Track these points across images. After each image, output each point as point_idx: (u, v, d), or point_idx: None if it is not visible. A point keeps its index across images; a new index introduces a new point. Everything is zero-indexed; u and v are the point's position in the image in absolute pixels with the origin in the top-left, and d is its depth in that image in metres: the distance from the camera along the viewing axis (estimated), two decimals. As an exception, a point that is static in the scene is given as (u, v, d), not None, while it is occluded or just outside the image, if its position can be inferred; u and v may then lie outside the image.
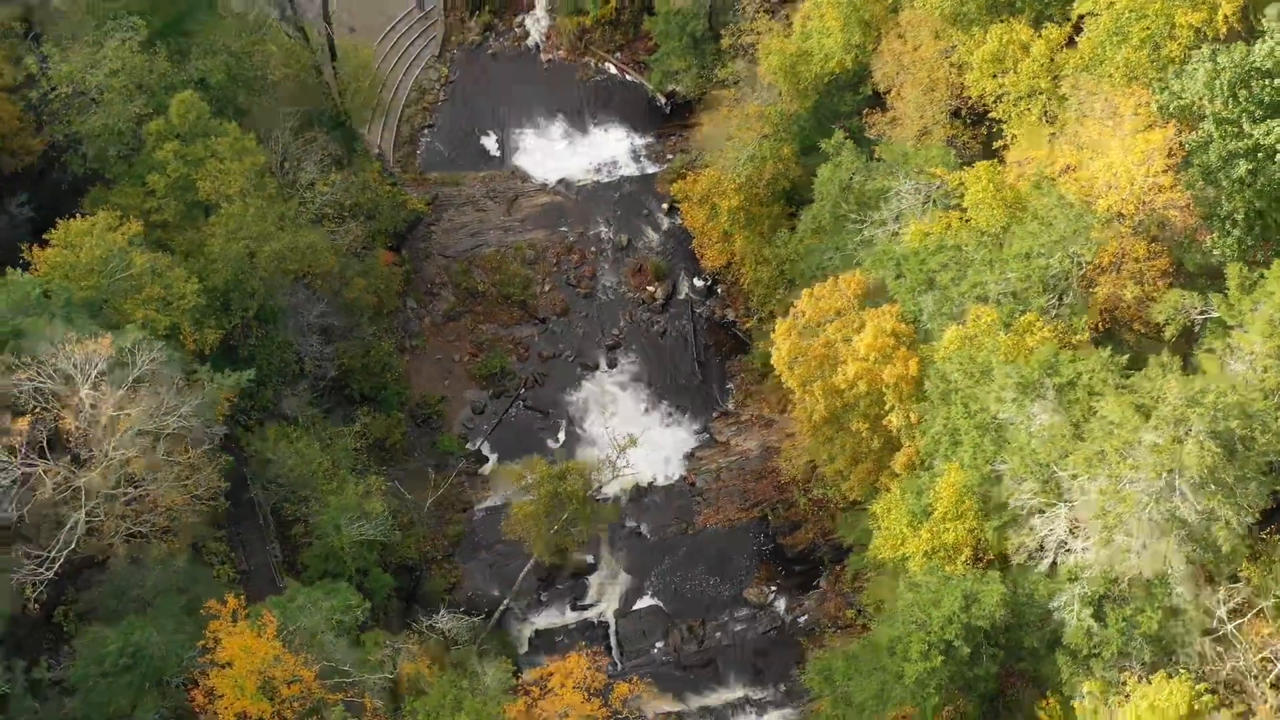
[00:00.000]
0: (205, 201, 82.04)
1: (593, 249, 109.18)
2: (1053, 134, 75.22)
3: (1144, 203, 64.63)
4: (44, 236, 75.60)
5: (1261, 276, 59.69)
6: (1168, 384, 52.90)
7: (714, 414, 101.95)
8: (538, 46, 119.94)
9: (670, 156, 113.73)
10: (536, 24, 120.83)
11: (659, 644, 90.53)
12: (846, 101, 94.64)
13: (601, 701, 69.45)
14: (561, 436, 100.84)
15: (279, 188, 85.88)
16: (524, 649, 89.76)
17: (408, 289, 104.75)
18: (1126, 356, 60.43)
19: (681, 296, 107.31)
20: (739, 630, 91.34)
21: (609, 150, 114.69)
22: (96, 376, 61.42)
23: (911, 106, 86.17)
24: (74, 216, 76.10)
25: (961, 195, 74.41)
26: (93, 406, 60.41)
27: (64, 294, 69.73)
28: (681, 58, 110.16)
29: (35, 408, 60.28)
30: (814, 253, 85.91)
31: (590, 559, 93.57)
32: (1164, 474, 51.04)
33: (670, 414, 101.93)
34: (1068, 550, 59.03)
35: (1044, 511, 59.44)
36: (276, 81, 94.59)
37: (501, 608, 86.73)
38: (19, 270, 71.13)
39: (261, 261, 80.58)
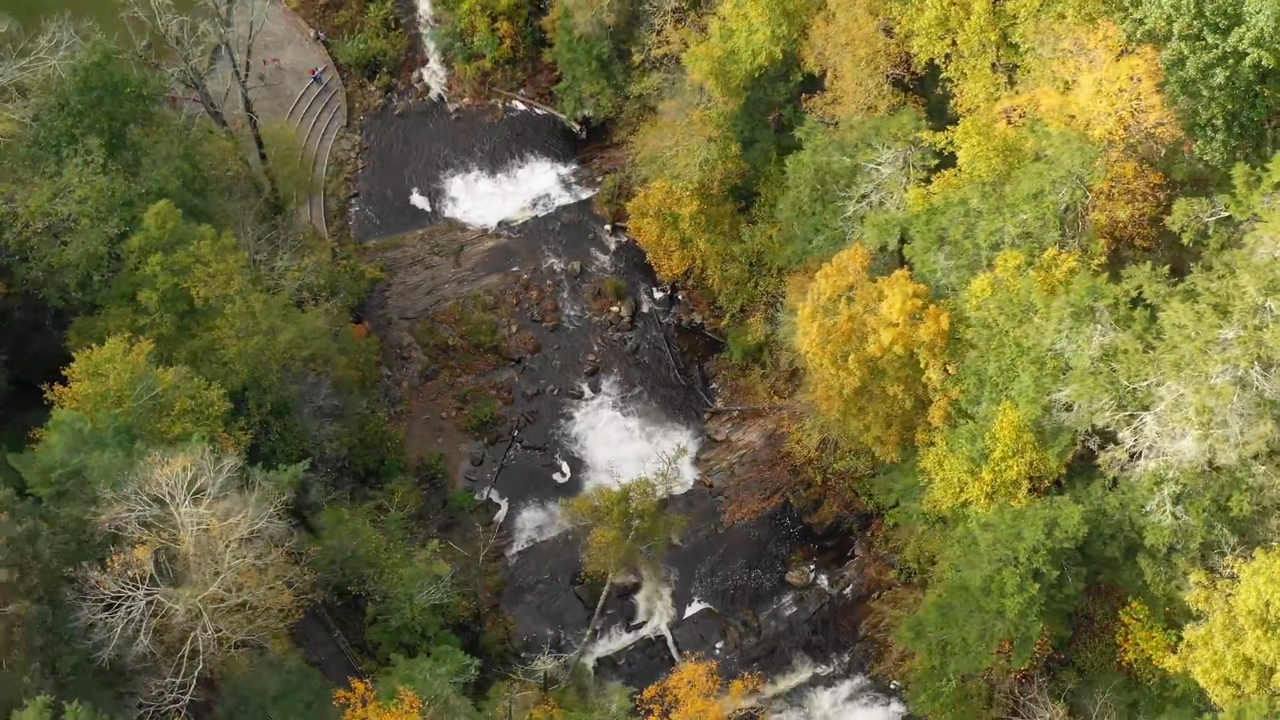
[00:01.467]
0: (198, 308, 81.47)
1: (549, 282, 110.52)
2: (1011, 83, 79.34)
3: (1134, 124, 68.96)
4: (64, 372, 74.65)
5: (1264, 169, 64.34)
6: (1241, 277, 56.88)
7: (705, 416, 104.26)
8: (442, 98, 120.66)
9: (599, 179, 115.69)
10: (435, 76, 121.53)
11: (719, 644, 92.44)
12: (779, 91, 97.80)
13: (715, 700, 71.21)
14: (565, 468, 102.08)
15: (256, 278, 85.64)
16: (590, 679, 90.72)
17: (381, 358, 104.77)
18: (1167, 267, 64.55)
19: (646, 310, 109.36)
20: (791, 614, 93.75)
21: (538, 185, 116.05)
22: (189, 494, 60.99)
23: (852, 84, 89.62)
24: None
25: (941, 156, 78.04)
26: (198, 524, 59.99)
27: (110, 423, 68.87)
28: (592, 81, 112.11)
29: (143, 537, 59.66)
30: (795, 239, 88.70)
31: (633, 578, 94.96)
32: (1253, 362, 54.96)
33: (664, 424, 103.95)
34: (1157, 455, 62.71)
35: (1128, 424, 63.10)
36: (220, 178, 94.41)
37: (587, 637, 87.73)
38: (62, 409, 70.03)
39: (277, 354, 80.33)
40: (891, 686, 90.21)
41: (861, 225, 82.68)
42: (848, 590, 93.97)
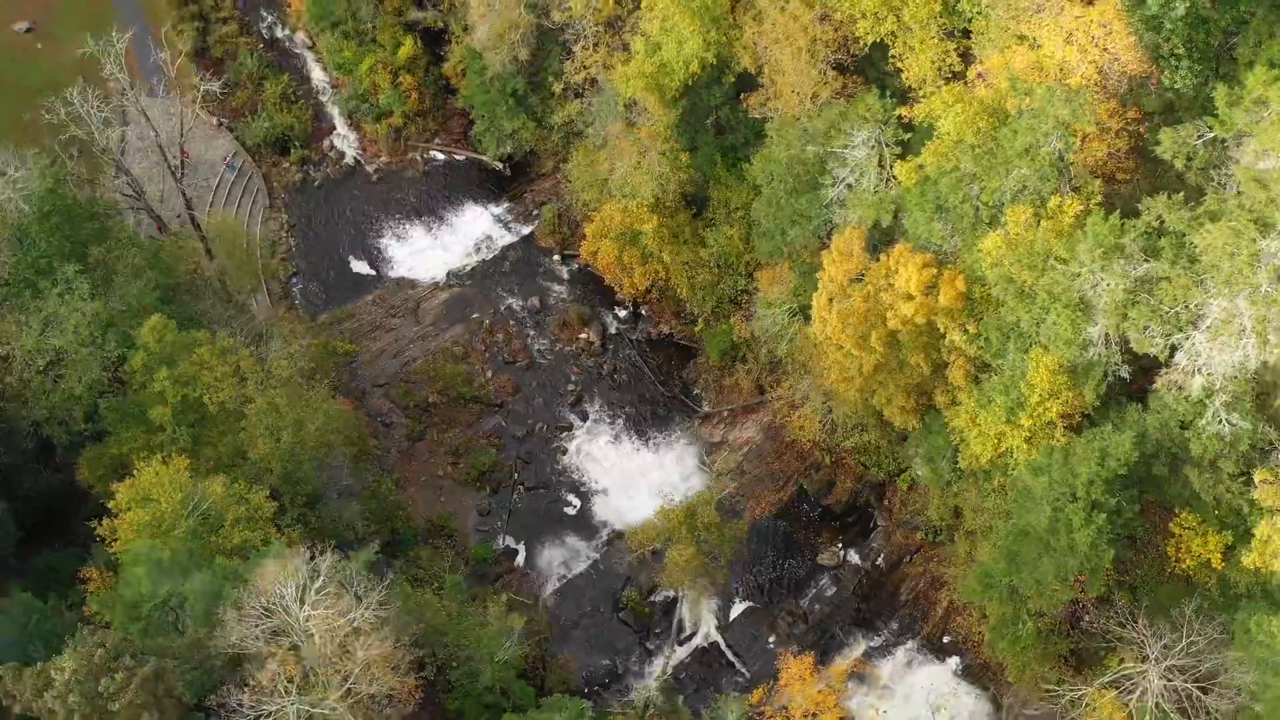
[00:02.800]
0: (212, 414, 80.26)
1: (512, 322, 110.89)
2: (961, 50, 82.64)
3: (1108, 67, 72.60)
4: (109, 505, 73.04)
5: (1242, 87, 68.38)
6: (1273, 189, 60.53)
7: (696, 421, 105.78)
8: (358, 161, 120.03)
9: (535, 212, 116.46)
10: (346, 141, 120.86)
11: (770, 639, 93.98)
12: (714, 95, 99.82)
13: (828, 687, 72.92)
14: (573, 499, 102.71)
15: (267, 373, 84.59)
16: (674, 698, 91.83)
17: (368, 429, 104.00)
18: (1180, 194, 68.18)
19: (614, 331, 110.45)
20: (832, 594, 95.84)
21: (475, 229, 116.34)
22: (302, 597, 60.50)
23: (793, 75, 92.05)
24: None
25: (912, 129, 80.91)
26: (321, 625, 59.53)
27: (185, 546, 67.70)
28: (511, 118, 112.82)
29: (272, 650, 59.01)
30: (771, 235, 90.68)
31: (670, 593, 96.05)
32: (1302, 268, 58.86)
33: (657, 437, 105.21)
34: (1207, 368, 66.24)
35: (1181, 345, 66.58)
36: (184, 281, 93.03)
37: (666, 656, 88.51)
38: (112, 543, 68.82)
39: (308, 445, 79.54)
40: (944, 642, 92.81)
41: (844, 209, 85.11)
42: (880, 560, 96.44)
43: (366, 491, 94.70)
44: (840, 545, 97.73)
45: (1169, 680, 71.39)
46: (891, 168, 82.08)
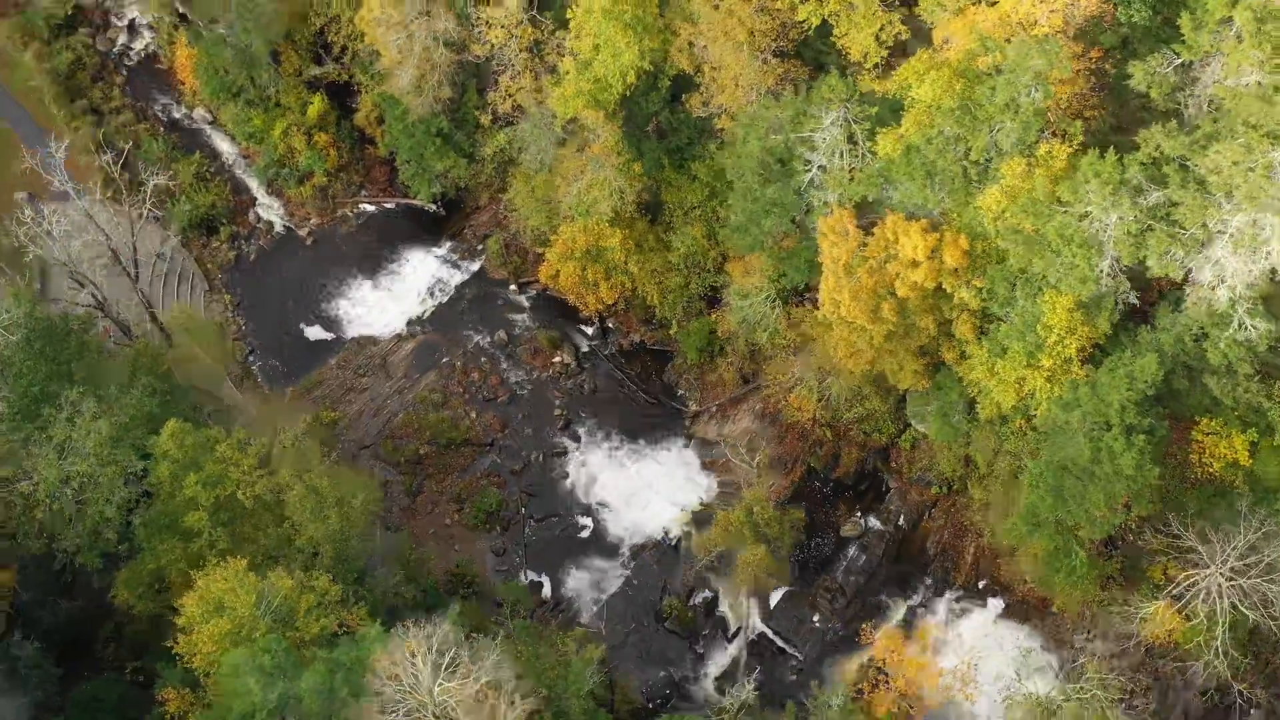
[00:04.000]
0: (248, 509, 78.97)
1: (484, 359, 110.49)
2: (904, 15, 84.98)
3: (1071, 13, 75.47)
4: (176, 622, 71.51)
5: (1206, 10, 71.80)
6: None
7: (687, 421, 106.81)
8: (289, 228, 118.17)
9: (479, 247, 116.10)
10: (271, 210, 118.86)
11: (814, 618, 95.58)
12: (652, 101, 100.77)
13: (921, 653, 74.86)
14: (586, 522, 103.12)
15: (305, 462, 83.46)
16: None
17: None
18: (1174, 122, 71.29)
19: (586, 350, 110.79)
20: (863, 564, 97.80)
21: (423, 275, 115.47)
22: (434, 672, 60.16)
23: (735, 69, 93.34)
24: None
25: (879, 102, 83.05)
26: (462, 697, 59.29)
27: (281, 646, 66.59)
28: (440, 158, 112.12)
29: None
30: (747, 228, 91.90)
31: (707, 593, 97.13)
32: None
33: (652, 443, 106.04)
34: (1230, 281, 69.57)
35: (1203, 264, 69.79)
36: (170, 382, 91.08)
37: (743, 658, 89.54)
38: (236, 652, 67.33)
39: (356, 521, 78.68)
40: (980, 586, 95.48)
41: (820, 191, 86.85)
42: (901, 520, 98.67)
43: (392, 555, 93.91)
44: (859, 514, 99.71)
45: (1233, 580, 74.70)
46: (866, 144, 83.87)
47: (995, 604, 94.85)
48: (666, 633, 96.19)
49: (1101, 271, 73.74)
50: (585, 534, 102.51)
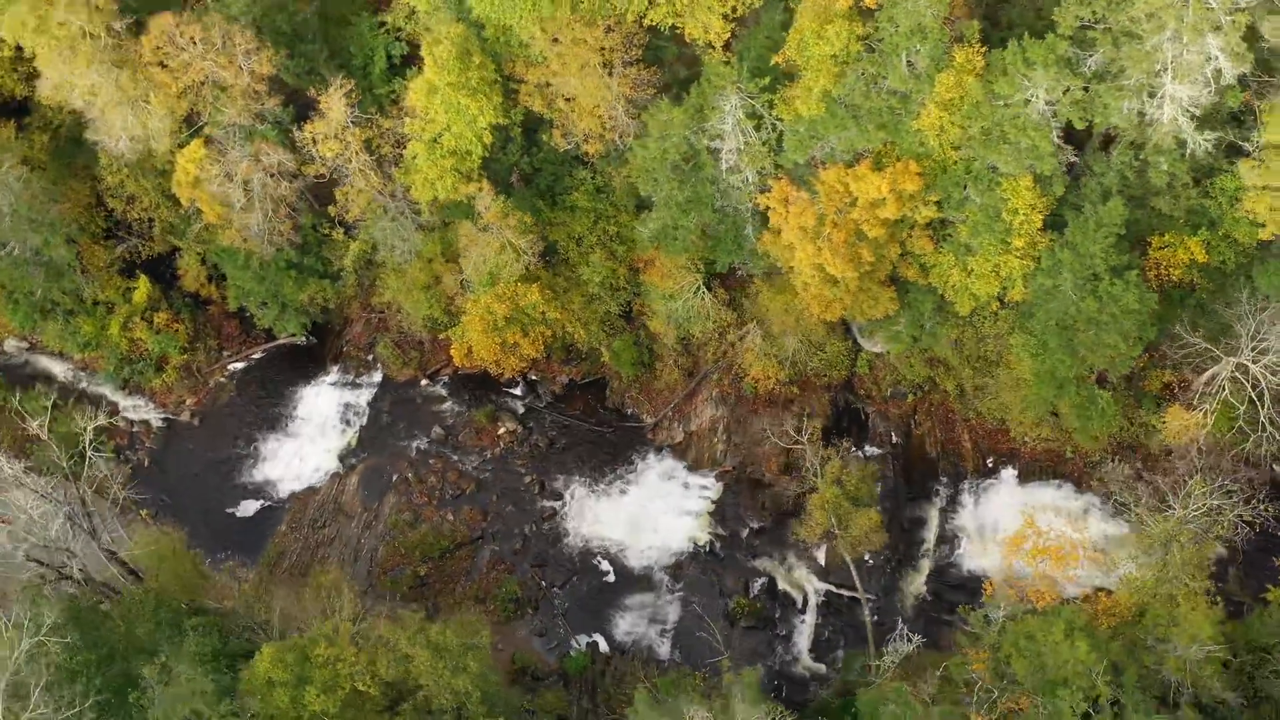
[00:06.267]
0: (374, 695, 76.07)
1: (432, 461, 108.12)
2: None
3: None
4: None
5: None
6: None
7: (648, 435, 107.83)
8: (168, 419, 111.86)
9: (369, 356, 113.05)
10: (139, 409, 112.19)
11: (866, 557, 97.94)
12: (510, 153, 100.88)
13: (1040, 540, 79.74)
14: (606, 566, 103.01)
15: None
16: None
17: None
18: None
19: (523, 411, 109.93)
20: (879, 494, 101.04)
21: (327, 406, 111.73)
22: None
23: (594, 94, 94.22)
24: None
25: (769, 74, 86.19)
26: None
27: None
28: (299, 289, 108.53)
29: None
30: (673, 233, 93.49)
31: (762, 579, 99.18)
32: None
33: (628, 470, 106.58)
34: (1174, 100, 76.14)
35: (1151, 95, 76.15)
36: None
37: (869, 621, 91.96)
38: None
39: (485, 662, 76.85)
40: (989, 465, 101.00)
41: (737, 173, 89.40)
42: (893, 438, 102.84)
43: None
44: (854, 449, 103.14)
45: (1250, 366, 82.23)
46: (770, 115, 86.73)
47: (1009, 474, 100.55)
48: (745, 631, 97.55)
49: (1056, 144, 79.21)
50: (611, 578, 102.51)
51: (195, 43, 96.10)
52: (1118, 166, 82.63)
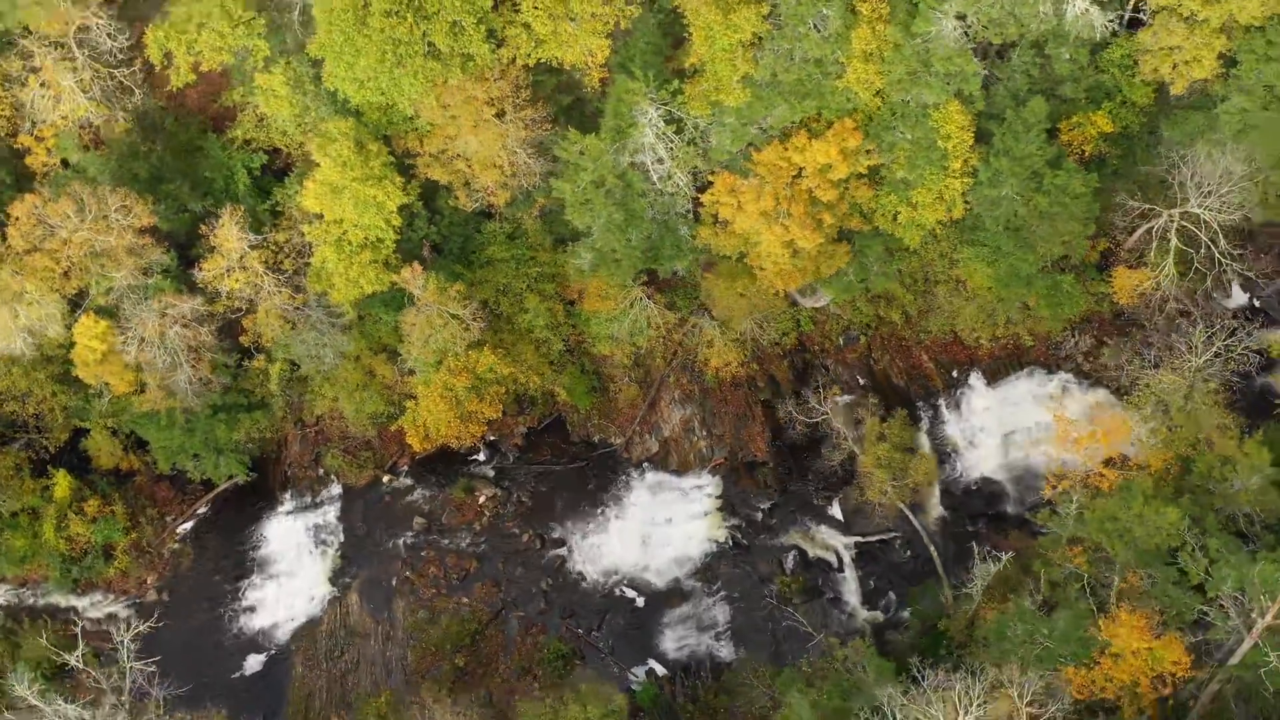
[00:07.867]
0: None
1: (425, 552, 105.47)
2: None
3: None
4: None
5: None
6: None
7: (623, 455, 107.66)
8: (135, 603, 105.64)
9: (320, 473, 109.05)
10: (101, 605, 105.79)
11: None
12: (418, 228, 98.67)
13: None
14: (632, 593, 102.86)
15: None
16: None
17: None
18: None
19: (493, 474, 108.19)
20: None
21: (294, 536, 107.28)
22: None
23: (493, 143, 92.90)
24: None
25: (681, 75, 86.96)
26: None
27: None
28: (232, 430, 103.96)
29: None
30: (622, 259, 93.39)
31: (794, 553, 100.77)
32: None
33: (618, 495, 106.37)
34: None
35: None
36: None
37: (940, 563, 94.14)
38: None
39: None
40: (955, 376, 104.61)
41: (670, 180, 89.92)
42: (860, 380, 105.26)
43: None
44: (826, 405, 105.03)
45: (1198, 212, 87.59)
46: (689, 116, 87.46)
47: (976, 379, 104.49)
48: (798, 605, 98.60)
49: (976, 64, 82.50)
50: (641, 602, 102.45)
51: (69, 216, 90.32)
52: (1021, 68, 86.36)
